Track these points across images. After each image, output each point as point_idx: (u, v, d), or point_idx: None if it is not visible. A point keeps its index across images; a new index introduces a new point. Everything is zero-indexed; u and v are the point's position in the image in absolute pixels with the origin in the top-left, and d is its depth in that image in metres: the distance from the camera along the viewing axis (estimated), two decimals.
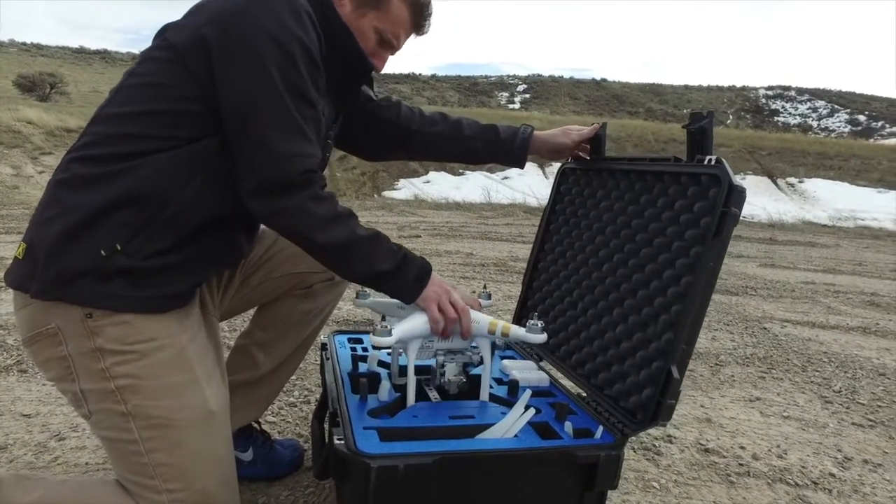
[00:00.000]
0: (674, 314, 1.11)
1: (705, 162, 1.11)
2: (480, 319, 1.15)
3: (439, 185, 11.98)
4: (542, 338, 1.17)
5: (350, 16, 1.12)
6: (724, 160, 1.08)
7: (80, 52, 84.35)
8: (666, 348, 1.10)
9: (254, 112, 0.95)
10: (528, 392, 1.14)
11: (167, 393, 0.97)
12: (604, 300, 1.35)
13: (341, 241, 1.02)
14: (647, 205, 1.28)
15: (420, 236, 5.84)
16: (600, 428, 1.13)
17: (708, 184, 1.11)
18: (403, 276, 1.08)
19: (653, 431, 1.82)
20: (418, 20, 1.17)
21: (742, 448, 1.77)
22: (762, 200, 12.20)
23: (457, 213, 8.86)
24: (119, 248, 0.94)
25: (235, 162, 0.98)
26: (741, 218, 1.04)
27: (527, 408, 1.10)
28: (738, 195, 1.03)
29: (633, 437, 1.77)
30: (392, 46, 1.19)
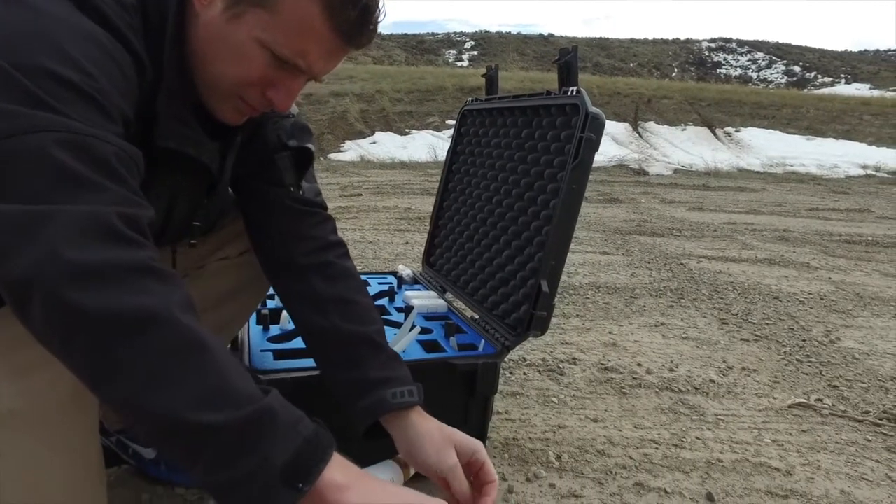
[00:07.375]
0: (544, 234, 1.22)
1: (569, 93, 1.20)
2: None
3: (385, 145, 11.85)
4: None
5: (217, 22, 0.71)
6: (583, 90, 1.17)
7: None
8: (538, 266, 1.21)
9: None
10: (415, 312, 1.24)
11: None
12: (494, 230, 1.45)
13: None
14: (528, 137, 1.37)
15: (361, 195, 5.85)
16: (483, 342, 1.24)
17: (571, 113, 1.21)
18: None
19: (559, 355, 1.97)
20: (343, 24, 0.70)
21: (639, 365, 1.94)
22: (700, 150, 12.62)
23: (402, 171, 8.86)
24: None
25: None
26: (679, 167, 1.13)
27: (413, 327, 1.20)
28: (594, 121, 1.13)
29: (539, 361, 1.91)
30: (299, 69, 0.74)
